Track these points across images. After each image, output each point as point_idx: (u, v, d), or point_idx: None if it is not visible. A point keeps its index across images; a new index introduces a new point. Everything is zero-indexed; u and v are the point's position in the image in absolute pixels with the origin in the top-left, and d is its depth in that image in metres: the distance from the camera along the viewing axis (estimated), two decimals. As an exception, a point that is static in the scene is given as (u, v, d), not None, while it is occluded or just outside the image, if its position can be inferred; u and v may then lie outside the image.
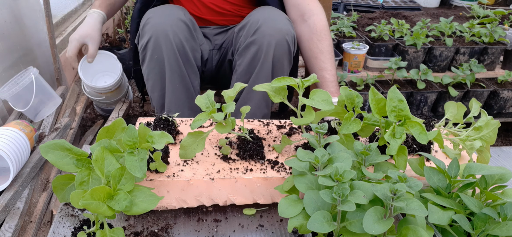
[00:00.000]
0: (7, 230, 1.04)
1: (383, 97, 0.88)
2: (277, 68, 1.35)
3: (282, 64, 1.35)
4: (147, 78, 1.42)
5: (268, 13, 1.36)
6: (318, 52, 1.40)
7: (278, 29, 1.31)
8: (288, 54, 1.35)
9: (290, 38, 1.34)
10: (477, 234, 0.73)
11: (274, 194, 0.97)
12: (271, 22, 1.32)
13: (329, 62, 1.39)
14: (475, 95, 2.14)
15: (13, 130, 1.20)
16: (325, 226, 0.68)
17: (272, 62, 1.33)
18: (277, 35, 1.30)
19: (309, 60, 1.43)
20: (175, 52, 1.33)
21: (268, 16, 1.34)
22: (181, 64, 1.35)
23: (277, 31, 1.31)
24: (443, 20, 2.33)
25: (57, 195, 0.81)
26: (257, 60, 1.33)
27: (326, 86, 1.37)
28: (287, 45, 1.33)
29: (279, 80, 0.93)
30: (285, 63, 1.36)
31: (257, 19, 1.34)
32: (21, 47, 1.69)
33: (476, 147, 1.00)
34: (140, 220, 0.94)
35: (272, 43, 1.30)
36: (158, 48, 1.32)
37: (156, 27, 1.31)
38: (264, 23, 1.31)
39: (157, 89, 1.41)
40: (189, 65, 1.38)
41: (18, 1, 1.70)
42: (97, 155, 0.75)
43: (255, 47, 1.32)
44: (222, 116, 0.90)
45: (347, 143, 0.93)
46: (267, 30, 1.30)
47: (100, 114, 2.00)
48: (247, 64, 1.36)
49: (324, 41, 1.40)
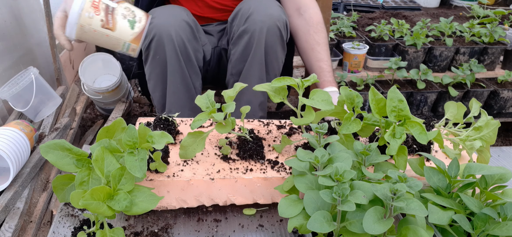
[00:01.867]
0: (7, 230, 1.04)
1: (383, 97, 0.88)
2: (270, 55, 1.37)
3: (275, 50, 1.37)
4: (149, 78, 1.43)
5: (259, 1, 1.37)
6: (315, 43, 1.43)
7: (269, 15, 1.33)
8: (280, 39, 1.37)
9: (281, 23, 1.35)
10: (477, 234, 0.73)
11: (274, 194, 0.97)
12: (262, 9, 1.34)
13: (325, 53, 1.43)
14: (475, 95, 2.14)
15: (13, 130, 1.20)
16: (325, 226, 0.68)
17: (265, 48, 1.35)
18: (268, 21, 1.32)
19: (306, 52, 1.46)
20: (177, 52, 1.33)
21: (259, 3, 1.36)
22: (182, 65, 1.36)
23: (268, 17, 1.32)
24: (443, 20, 2.33)
25: (57, 195, 0.81)
26: (250, 47, 1.35)
27: (323, 75, 1.39)
28: (279, 30, 1.34)
29: (279, 80, 0.93)
30: (278, 49, 1.38)
31: (248, 7, 1.35)
32: (21, 47, 1.69)
33: (476, 147, 1.00)
34: (140, 220, 0.94)
35: (264, 29, 1.32)
36: (161, 49, 1.33)
37: (159, 27, 1.31)
38: (255, 11, 1.33)
39: (159, 89, 1.42)
40: (191, 66, 1.39)
41: (18, 1, 1.70)
42: (97, 155, 0.75)
43: (247, 35, 1.34)
44: (222, 116, 0.90)
45: (347, 143, 0.93)
46: (258, 17, 1.32)
47: (100, 114, 2.00)
48: (240, 52, 1.38)
49: (320, 34, 1.44)
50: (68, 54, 2.12)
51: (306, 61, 1.47)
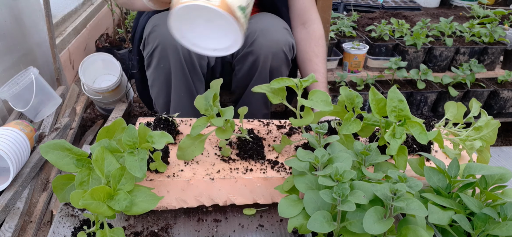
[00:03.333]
0: (7, 230, 1.04)
1: (383, 97, 0.88)
2: (275, 75, 1.38)
3: (279, 71, 1.39)
4: (152, 84, 1.42)
5: (265, 23, 1.37)
6: (314, 55, 1.46)
7: (275, 40, 1.33)
8: (285, 61, 1.38)
9: (287, 47, 1.36)
10: (477, 234, 0.73)
11: (274, 194, 0.97)
12: (268, 34, 1.34)
13: (322, 65, 1.46)
14: (475, 95, 2.13)
15: (13, 130, 1.20)
16: (325, 226, 0.68)
17: (270, 70, 1.36)
18: (274, 47, 1.33)
19: (304, 62, 1.49)
20: (182, 62, 1.33)
21: (264, 26, 1.36)
22: (187, 74, 1.35)
23: (274, 43, 1.33)
24: (443, 20, 2.32)
25: (57, 195, 0.81)
26: (255, 68, 1.36)
27: (317, 86, 1.41)
28: (284, 55, 1.36)
29: (278, 81, 0.93)
30: (283, 70, 1.40)
31: (254, 30, 1.35)
32: (21, 47, 1.69)
33: (476, 147, 1.00)
34: (140, 220, 0.94)
35: (269, 55, 1.33)
36: (165, 58, 1.32)
37: (163, 36, 1.29)
38: (260, 35, 1.33)
39: (162, 96, 1.42)
40: (195, 74, 1.39)
41: (18, 1, 1.70)
42: (97, 155, 0.75)
43: (252, 57, 1.35)
44: (221, 122, 0.89)
45: (347, 143, 0.93)
46: (264, 42, 1.33)
47: (100, 114, 2.00)
48: (246, 71, 1.39)
49: (320, 47, 1.48)
50: (68, 54, 2.13)
51: (303, 71, 1.50)
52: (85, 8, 2.66)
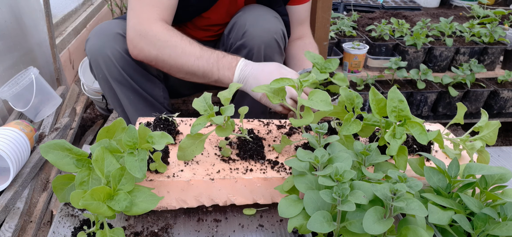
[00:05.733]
0: (7, 230, 1.04)
1: (383, 97, 0.88)
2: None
3: (273, 60, 1.37)
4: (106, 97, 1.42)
5: (254, 13, 1.37)
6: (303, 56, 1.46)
7: (266, 29, 1.32)
8: (278, 50, 1.37)
9: (279, 35, 1.35)
10: (477, 234, 0.73)
11: (274, 194, 0.97)
12: (258, 23, 1.33)
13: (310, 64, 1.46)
14: (475, 95, 2.14)
15: (13, 130, 1.20)
16: (325, 226, 0.68)
17: (264, 60, 1.35)
18: (265, 36, 1.32)
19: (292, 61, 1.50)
20: (117, 67, 1.30)
21: (253, 17, 1.35)
22: (126, 77, 1.32)
23: (265, 32, 1.32)
24: (443, 20, 2.33)
25: (57, 195, 0.81)
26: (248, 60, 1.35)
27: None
28: (276, 43, 1.35)
29: (278, 81, 0.93)
30: (276, 58, 1.39)
31: (244, 22, 1.34)
32: (21, 47, 1.69)
33: (477, 147, 1.00)
34: (140, 220, 0.94)
35: (262, 45, 1.32)
36: (99, 69, 1.31)
37: (92, 48, 1.29)
38: (251, 26, 1.32)
39: (116, 105, 1.41)
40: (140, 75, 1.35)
41: (18, 1, 1.70)
42: (97, 155, 0.75)
43: (245, 49, 1.34)
44: (221, 120, 0.89)
45: (347, 143, 0.93)
46: (255, 32, 1.32)
47: (100, 114, 2.00)
48: None
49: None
50: (68, 54, 2.13)
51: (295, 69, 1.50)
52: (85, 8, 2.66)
